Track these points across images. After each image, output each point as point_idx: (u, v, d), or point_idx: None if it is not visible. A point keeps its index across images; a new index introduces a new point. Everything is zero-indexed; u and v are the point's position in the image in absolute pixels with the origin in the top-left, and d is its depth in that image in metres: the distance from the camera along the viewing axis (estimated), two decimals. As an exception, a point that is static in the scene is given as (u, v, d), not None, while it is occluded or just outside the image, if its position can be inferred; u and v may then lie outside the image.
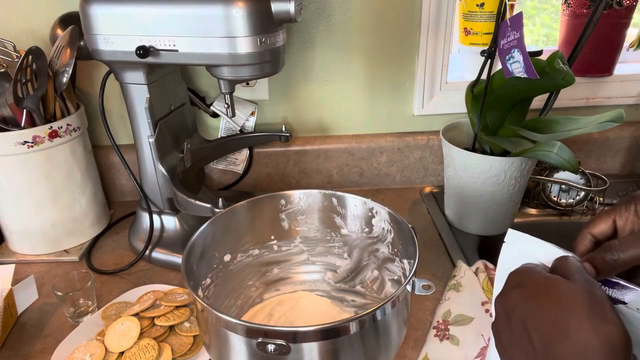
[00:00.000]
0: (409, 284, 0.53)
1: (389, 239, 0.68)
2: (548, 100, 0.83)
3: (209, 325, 0.54)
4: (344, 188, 1.05)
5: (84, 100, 0.95)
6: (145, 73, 0.74)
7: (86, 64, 0.92)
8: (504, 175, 0.80)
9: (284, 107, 1.00)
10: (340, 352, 0.51)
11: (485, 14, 0.92)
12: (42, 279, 0.81)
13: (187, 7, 0.65)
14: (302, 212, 0.73)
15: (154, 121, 0.78)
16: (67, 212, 0.86)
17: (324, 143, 1.02)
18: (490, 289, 0.70)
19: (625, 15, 0.97)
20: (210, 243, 0.66)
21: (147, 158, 0.80)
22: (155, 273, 0.82)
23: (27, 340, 0.69)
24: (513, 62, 0.71)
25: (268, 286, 0.75)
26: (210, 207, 0.74)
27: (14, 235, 0.86)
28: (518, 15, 0.68)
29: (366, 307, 0.71)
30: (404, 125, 1.03)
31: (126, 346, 0.63)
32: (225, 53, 0.67)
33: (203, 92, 0.98)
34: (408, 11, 0.92)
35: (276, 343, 0.48)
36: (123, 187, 1.03)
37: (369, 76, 0.98)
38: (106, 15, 0.69)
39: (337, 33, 0.93)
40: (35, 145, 0.78)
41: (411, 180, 1.06)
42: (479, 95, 0.82)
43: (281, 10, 0.66)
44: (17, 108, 0.76)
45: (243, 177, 1.04)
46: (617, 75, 1.02)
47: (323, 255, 0.76)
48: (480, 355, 0.61)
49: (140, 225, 0.86)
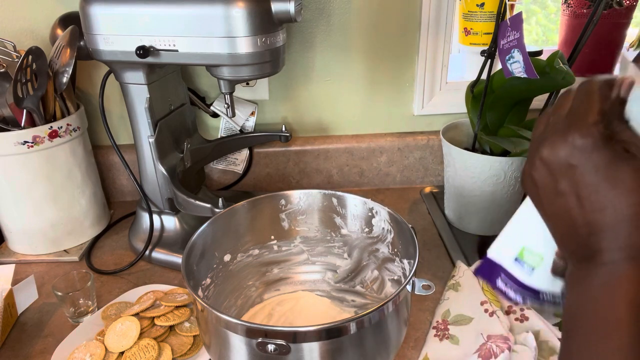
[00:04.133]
0: (409, 284, 0.53)
1: (389, 239, 0.68)
2: (548, 100, 0.83)
3: (209, 325, 0.54)
4: (344, 188, 1.05)
5: (84, 100, 0.95)
6: (145, 73, 0.74)
7: (86, 64, 0.92)
8: (504, 175, 0.80)
9: (284, 107, 1.00)
10: (341, 352, 0.51)
11: (485, 14, 0.92)
12: (42, 279, 0.81)
13: (187, 7, 0.65)
14: (302, 212, 0.73)
15: (154, 121, 0.78)
16: (67, 212, 0.86)
17: (324, 143, 1.02)
18: (489, 289, 0.70)
19: (625, 15, 0.97)
20: (210, 243, 0.66)
21: (147, 158, 0.80)
22: (155, 273, 0.82)
23: (27, 340, 0.69)
24: (513, 62, 0.71)
25: (268, 286, 0.75)
26: (210, 207, 0.74)
27: (14, 235, 0.86)
28: (518, 15, 0.68)
29: (366, 307, 0.71)
30: (404, 125, 1.03)
31: (126, 346, 0.63)
32: (225, 53, 0.67)
33: (203, 92, 0.98)
34: (408, 11, 0.92)
35: (276, 343, 0.48)
36: (123, 187, 1.03)
37: (369, 76, 0.98)
38: (106, 15, 0.69)
39: (337, 33, 0.93)
40: (35, 145, 0.78)
41: (411, 180, 1.06)
42: (479, 95, 0.82)
43: (281, 10, 0.66)
44: (17, 108, 0.76)
45: (243, 177, 1.04)
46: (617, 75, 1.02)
47: (323, 255, 0.76)
48: (479, 351, 0.61)
49: (140, 225, 0.86)
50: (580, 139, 0.35)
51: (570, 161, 0.36)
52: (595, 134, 0.35)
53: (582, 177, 0.35)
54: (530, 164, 0.39)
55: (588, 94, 0.37)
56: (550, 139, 0.37)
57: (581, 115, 0.36)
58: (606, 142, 0.35)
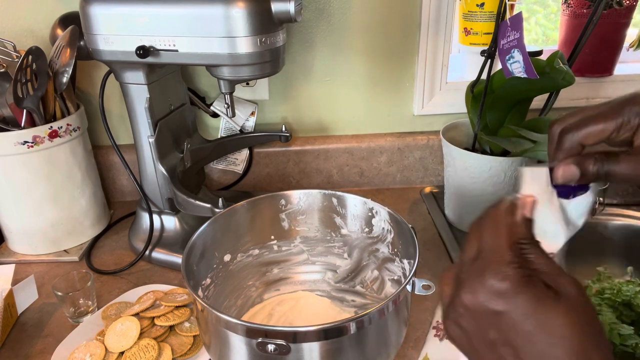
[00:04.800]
0: (409, 284, 0.53)
1: (389, 239, 0.68)
2: (548, 100, 0.83)
3: (209, 325, 0.54)
4: (344, 188, 1.05)
5: (84, 100, 0.95)
6: (145, 73, 0.74)
7: (86, 64, 0.92)
8: (504, 175, 0.80)
9: (284, 107, 1.00)
10: (340, 352, 0.51)
11: (485, 14, 0.92)
12: (42, 279, 0.81)
13: (187, 7, 0.65)
14: (302, 212, 0.73)
15: (154, 121, 0.78)
16: (67, 212, 0.86)
17: (324, 143, 1.02)
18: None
19: (625, 15, 0.97)
20: (210, 243, 0.66)
21: (147, 158, 0.80)
22: (155, 273, 0.82)
23: (27, 340, 0.69)
24: (513, 62, 0.71)
25: (268, 286, 0.75)
26: (210, 207, 0.74)
27: (14, 235, 0.86)
28: (518, 15, 0.68)
29: (366, 307, 0.71)
30: (404, 125, 1.03)
31: (126, 346, 0.63)
32: (225, 53, 0.67)
33: (203, 92, 0.98)
34: (408, 11, 0.92)
35: (276, 343, 0.48)
36: (123, 187, 1.03)
37: (369, 76, 0.98)
38: (106, 15, 0.69)
39: (337, 33, 0.93)
40: (35, 145, 0.78)
41: (411, 180, 1.06)
42: (479, 95, 0.82)
43: (281, 10, 0.66)
44: (17, 108, 0.76)
45: (243, 177, 1.04)
46: (617, 75, 1.02)
47: (323, 255, 0.76)
48: None
49: (140, 225, 0.86)
50: (499, 283, 0.32)
51: (494, 308, 0.32)
52: (512, 276, 0.32)
53: (512, 325, 0.32)
54: (454, 312, 0.35)
55: (495, 228, 0.35)
56: (469, 283, 0.34)
57: (494, 255, 0.34)
58: (527, 281, 0.32)
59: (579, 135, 0.39)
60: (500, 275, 0.32)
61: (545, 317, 0.31)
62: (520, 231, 0.35)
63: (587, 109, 0.40)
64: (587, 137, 0.38)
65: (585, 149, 0.39)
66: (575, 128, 0.39)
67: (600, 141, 0.39)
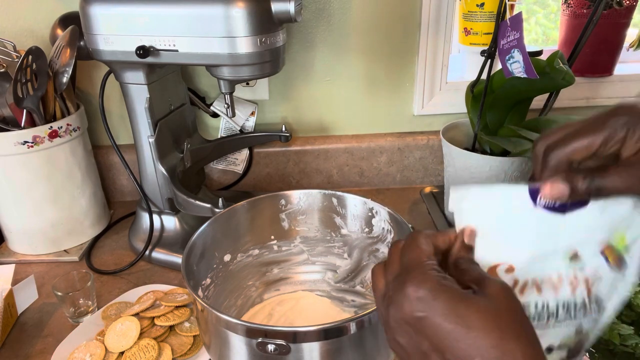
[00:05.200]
0: (409, 284, 0.53)
1: (389, 239, 0.68)
2: (548, 100, 0.83)
3: (209, 325, 0.54)
4: (344, 188, 1.05)
5: (84, 100, 0.95)
6: (145, 73, 0.74)
7: (86, 64, 0.92)
8: (504, 175, 0.80)
9: (284, 107, 1.00)
10: (340, 352, 0.51)
11: (485, 14, 0.92)
12: (42, 279, 0.81)
13: (187, 7, 0.65)
14: (302, 212, 0.73)
15: (154, 121, 0.78)
16: (67, 212, 0.86)
17: (324, 143, 1.02)
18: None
19: (625, 15, 0.97)
20: (210, 243, 0.66)
21: (147, 158, 0.80)
22: (155, 273, 0.82)
23: (27, 340, 0.69)
24: (513, 62, 0.71)
25: (268, 286, 0.75)
26: (210, 207, 0.74)
27: (14, 235, 0.86)
28: (518, 15, 0.68)
29: (366, 307, 0.71)
30: (404, 125, 1.03)
31: (126, 346, 0.63)
32: (225, 53, 0.67)
33: (203, 92, 0.98)
34: (408, 11, 0.92)
35: (276, 343, 0.48)
36: (123, 187, 1.03)
37: (369, 76, 0.98)
38: (106, 15, 0.69)
39: (337, 33, 0.93)
40: (35, 145, 0.78)
41: (411, 180, 1.06)
42: (479, 95, 0.82)
43: (281, 10, 0.66)
44: (17, 108, 0.76)
45: (243, 177, 1.04)
46: (617, 75, 1.02)
47: (323, 255, 0.76)
48: None
49: (140, 225, 0.86)
50: (417, 290, 0.33)
51: (416, 314, 0.33)
52: (429, 280, 0.33)
53: (435, 328, 0.32)
54: (389, 329, 0.36)
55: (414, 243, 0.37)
56: (394, 298, 0.35)
57: (413, 265, 0.35)
58: (443, 284, 0.33)
59: (565, 151, 0.37)
60: (418, 282, 0.34)
61: (463, 313, 0.32)
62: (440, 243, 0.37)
63: (571, 124, 0.38)
64: (574, 152, 0.37)
65: (572, 165, 0.38)
66: (560, 144, 0.37)
67: (587, 156, 0.37)
